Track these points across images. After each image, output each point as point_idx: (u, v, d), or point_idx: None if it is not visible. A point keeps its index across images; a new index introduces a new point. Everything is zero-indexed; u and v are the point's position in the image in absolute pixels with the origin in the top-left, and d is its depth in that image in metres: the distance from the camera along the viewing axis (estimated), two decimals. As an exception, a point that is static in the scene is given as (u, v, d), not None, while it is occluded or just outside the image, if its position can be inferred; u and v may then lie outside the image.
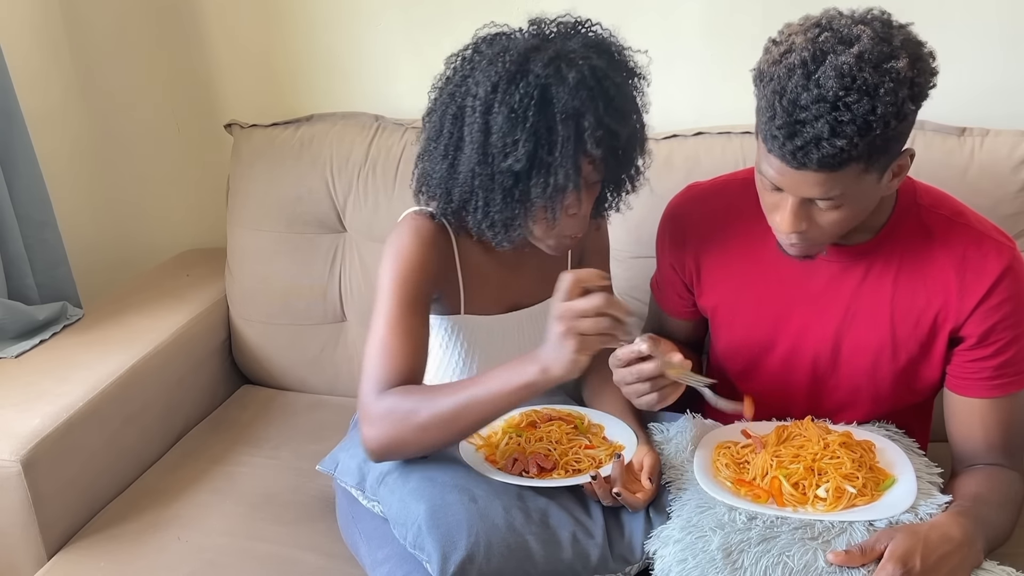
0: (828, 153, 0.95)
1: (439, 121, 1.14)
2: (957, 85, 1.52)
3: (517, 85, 1.06)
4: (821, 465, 1.09)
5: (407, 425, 1.09)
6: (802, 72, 0.95)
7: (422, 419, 1.08)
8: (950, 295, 1.12)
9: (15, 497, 1.33)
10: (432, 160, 1.16)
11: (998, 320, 1.10)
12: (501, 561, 1.03)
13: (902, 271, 1.14)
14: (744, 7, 1.61)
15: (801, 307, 1.19)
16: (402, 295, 1.16)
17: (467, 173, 1.11)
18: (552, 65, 1.06)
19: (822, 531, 1.03)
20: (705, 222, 1.25)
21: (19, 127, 1.62)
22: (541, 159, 1.07)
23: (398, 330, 1.14)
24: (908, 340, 1.15)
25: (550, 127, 1.06)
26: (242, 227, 1.77)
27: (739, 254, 1.22)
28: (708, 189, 1.29)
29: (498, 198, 1.11)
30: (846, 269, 1.16)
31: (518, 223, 1.13)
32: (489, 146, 1.08)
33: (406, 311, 1.15)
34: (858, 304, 1.16)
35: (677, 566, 1.02)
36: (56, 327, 1.65)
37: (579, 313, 0.99)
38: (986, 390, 1.14)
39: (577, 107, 1.05)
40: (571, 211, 1.13)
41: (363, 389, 1.13)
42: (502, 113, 1.06)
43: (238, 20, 1.85)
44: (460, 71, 1.13)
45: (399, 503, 1.10)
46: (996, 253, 1.11)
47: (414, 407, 1.09)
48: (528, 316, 1.30)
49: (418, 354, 1.16)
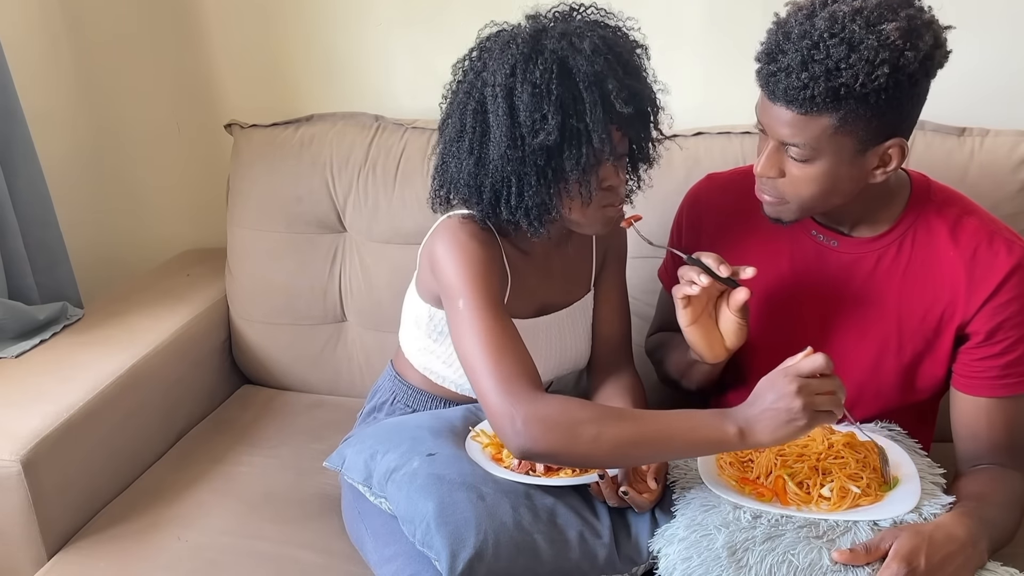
0: (793, 86, 0.99)
1: (459, 120, 1.14)
2: (957, 85, 1.53)
3: (535, 63, 1.07)
4: (826, 465, 1.09)
5: (580, 438, 1.02)
6: (805, 13, 1.02)
7: (597, 435, 1.02)
8: (958, 291, 1.13)
9: (15, 497, 1.32)
10: (457, 161, 1.14)
11: (1005, 318, 1.11)
12: (509, 559, 1.03)
13: (911, 265, 1.15)
14: (744, 8, 1.61)
15: (810, 297, 1.21)
16: (487, 296, 1.12)
17: (498, 160, 1.10)
18: (565, 39, 1.08)
19: (827, 530, 1.03)
20: (722, 210, 1.27)
21: (20, 127, 1.62)
22: (572, 129, 1.07)
23: (498, 329, 1.10)
24: (914, 335, 1.16)
25: (575, 96, 1.07)
26: (242, 227, 1.76)
27: (753, 244, 1.24)
28: (727, 179, 1.31)
29: (532, 180, 1.10)
30: (857, 261, 1.17)
31: (554, 205, 1.13)
32: (518, 127, 1.08)
33: (497, 310, 1.12)
34: (866, 296, 1.17)
35: (682, 564, 1.02)
36: (56, 327, 1.64)
37: (819, 389, 0.98)
38: (993, 389, 1.14)
39: (598, 72, 1.07)
40: (607, 183, 1.13)
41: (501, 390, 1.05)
42: (526, 92, 1.07)
43: (238, 20, 1.85)
44: (472, 69, 1.14)
45: (407, 500, 1.09)
46: (1007, 251, 1.11)
47: (592, 420, 1.03)
48: (555, 321, 1.29)
49: (526, 351, 1.11)
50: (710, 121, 1.62)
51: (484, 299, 1.12)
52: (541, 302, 1.28)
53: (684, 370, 1.28)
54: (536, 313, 1.27)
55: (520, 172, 1.10)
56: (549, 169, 1.10)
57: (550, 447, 1.03)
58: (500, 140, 1.09)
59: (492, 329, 1.09)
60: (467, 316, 1.11)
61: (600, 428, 1.02)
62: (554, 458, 1.07)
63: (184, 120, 1.97)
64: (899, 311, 1.16)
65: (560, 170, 1.10)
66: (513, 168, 1.10)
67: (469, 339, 1.10)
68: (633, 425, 1.04)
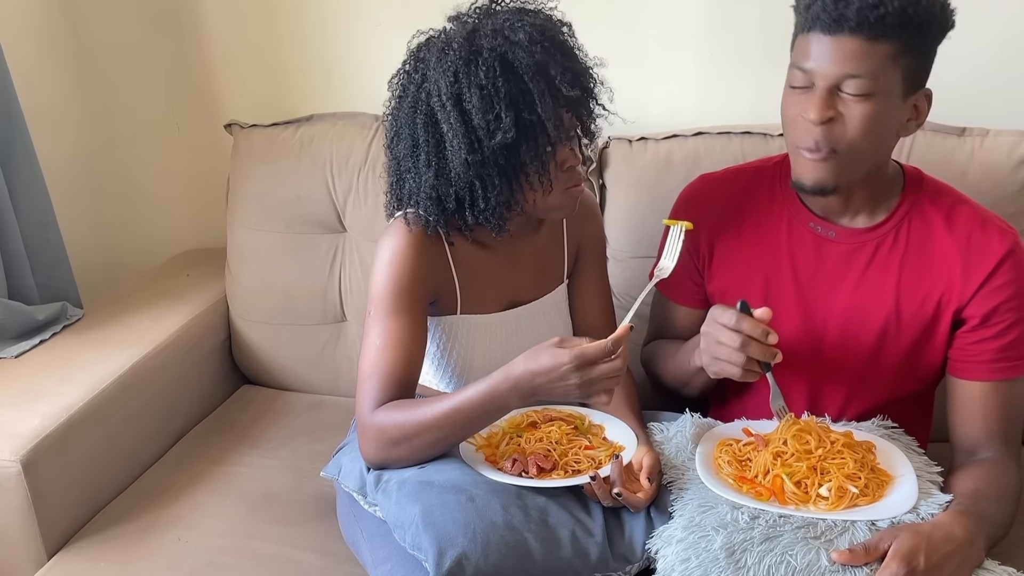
0: (868, 4, 1.01)
1: (411, 136, 1.15)
2: (957, 85, 1.53)
3: (476, 64, 1.08)
4: (824, 464, 1.09)
5: (398, 440, 1.13)
6: None
7: (409, 432, 1.12)
8: (954, 277, 1.15)
9: (15, 497, 1.33)
10: (415, 175, 1.16)
11: (1000, 302, 1.13)
12: (499, 558, 1.03)
13: (908, 253, 1.17)
14: (744, 8, 1.61)
15: (809, 289, 1.22)
16: (393, 305, 1.17)
17: (459, 168, 1.12)
18: (499, 35, 1.10)
19: (824, 530, 1.04)
20: (718, 206, 1.29)
21: (19, 127, 1.62)
22: (525, 122, 1.09)
23: (390, 342, 1.17)
24: (912, 321, 1.18)
25: (522, 89, 1.09)
26: (242, 227, 1.77)
27: (750, 238, 1.25)
28: (721, 177, 1.33)
29: (495, 180, 1.12)
30: (855, 250, 1.19)
31: (518, 200, 1.15)
32: (473, 131, 1.09)
33: (398, 321, 1.17)
34: (865, 284, 1.19)
35: (680, 566, 1.02)
36: (56, 327, 1.64)
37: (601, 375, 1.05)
38: (987, 372, 1.16)
39: (539, 61, 1.09)
40: (566, 164, 1.16)
41: (358, 402, 1.17)
42: (474, 95, 1.08)
43: (238, 20, 1.85)
44: (411, 83, 1.15)
45: (396, 506, 1.10)
46: (1000, 237, 1.14)
47: (404, 421, 1.13)
48: (527, 313, 1.30)
49: (411, 365, 1.18)
50: (710, 121, 1.62)
51: (385, 311, 1.17)
52: (510, 296, 1.29)
53: (687, 380, 1.28)
54: (506, 307, 1.29)
55: (482, 175, 1.12)
56: (510, 166, 1.12)
57: (383, 455, 1.15)
58: (458, 147, 1.10)
59: (377, 342, 1.17)
60: (366, 326, 1.19)
61: (408, 421, 1.12)
62: (393, 463, 1.15)
63: (184, 120, 1.97)
64: (898, 298, 1.18)
65: (521, 164, 1.12)
66: (475, 172, 1.12)
67: (362, 351, 1.19)
68: (436, 428, 1.12)
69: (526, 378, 1.07)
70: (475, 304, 1.26)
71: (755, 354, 1.09)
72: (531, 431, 1.21)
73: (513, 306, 1.29)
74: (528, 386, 1.08)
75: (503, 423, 1.23)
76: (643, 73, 1.69)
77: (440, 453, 1.16)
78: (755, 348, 1.09)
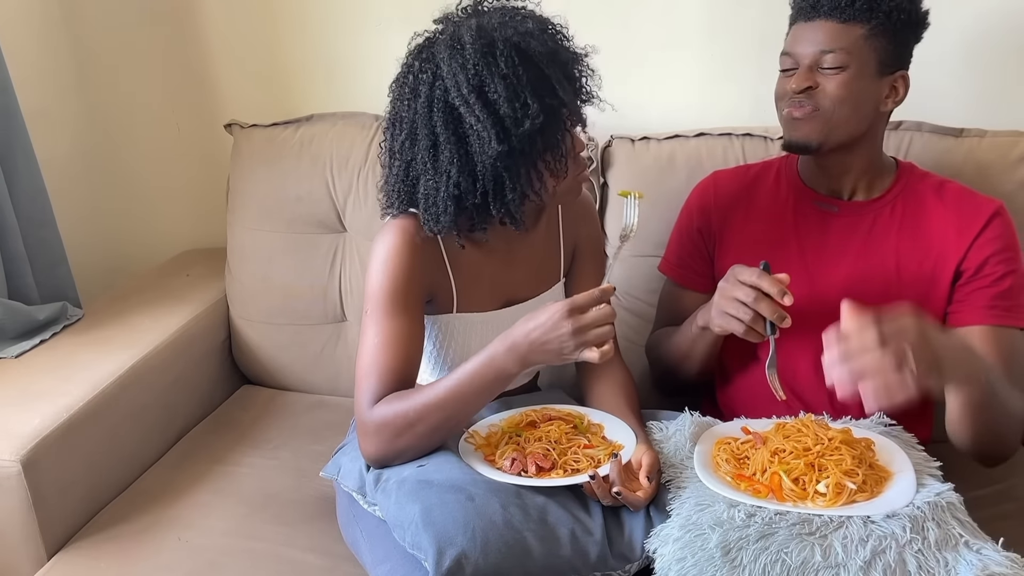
0: None
1: (428, 135, 1.13)
2: (957, 85, 1.53)
3: (494, 55, 1.09)
4: (822, 461, 1.09)
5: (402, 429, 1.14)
6: None
7: (412, 418, 1.13)
8: (948, 236, 1.25)
9: (15, 497, 1.33)
10: (435, 174, 1.14)
11: (991, 253, 1.23)
12: (498, 557, 1.03)
13: (904, 221, 1.28)
14: (745, 9, 1.61)
15: (814, 259, 1.29)
16: (390, 304, 1.18)
17: (487, 160, 1.11)
18: (507, 27, 1.11)
19: (819, 526, 1.03)
20: (729, 195, 1.38)
21: (19, 127, 1.62)
22: (549, 107, 1.11)
23: (388, 340, 1.17)
24: (912, 281, 1.25)
25: (540, 76, 1.10)
26: (242, 227, 1.77)
27: (758, 218, 1.34)
28: (731, 172, 1.43)
29: (521, 169, 1.13)
30: (855, 223, 1.29)
31: (538, 188, 1.16)
32: (500, 121, 1.09)
33: (395, 320, 1.17)
34: (866, 251, 1.28)
35: (676, 564, 1.02)
36: (56, 327, 1.65)
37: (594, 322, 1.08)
38: (982, 316, 1.22)
39: (551, 48, 1.12)
40: (578, 148, 1.19)
41: (356, 401, 1.18)
42: (499, 85, 1.08)
43: (238, 21, 1.85)
44: (422, 83, 1.13)
45: (396, 506, 1.10)
46: (987, 202, 1.26)
47: (406, 408, 1.13)
48: (523, 311, 1.29)
49: (409, 363, 1.19)
50: (712, 122, 1.62)
51: (382, 310, 1.18)
52: (507, 294, 1.29)
53: (687, 349, 1.30)
54: (503, 305, 1.29)
55: (508, 165, 1.12)
56: (535, 152, 1.13)
57: (384, 451, 1.15)
58: (487, 139, 1.10)
59: (374, 340, 1.17)
60: (363, 326, 1.19)
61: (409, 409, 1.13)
62: (396, 458, 1.16)
63: (184, 120, 1.97)
64: (897, 261, 1.26)
65: (543, 150, 1.13)
66: (503, 163, 1.11)
67: (359, 350, 1.19)
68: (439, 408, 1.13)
69: (521, 336, 1.10)
70: (471, 302, 1.26)
71: (765, 311, 1.14)
72: (530, 430, 1.21)
73: (509, 304, 1.30)
74: (524, 343, 1.10)
75: (502, 423, 1.23)
76: (644, 74, 1.69)
77: (444, 438, 1.17)
78: (766, 305, 1.14)
